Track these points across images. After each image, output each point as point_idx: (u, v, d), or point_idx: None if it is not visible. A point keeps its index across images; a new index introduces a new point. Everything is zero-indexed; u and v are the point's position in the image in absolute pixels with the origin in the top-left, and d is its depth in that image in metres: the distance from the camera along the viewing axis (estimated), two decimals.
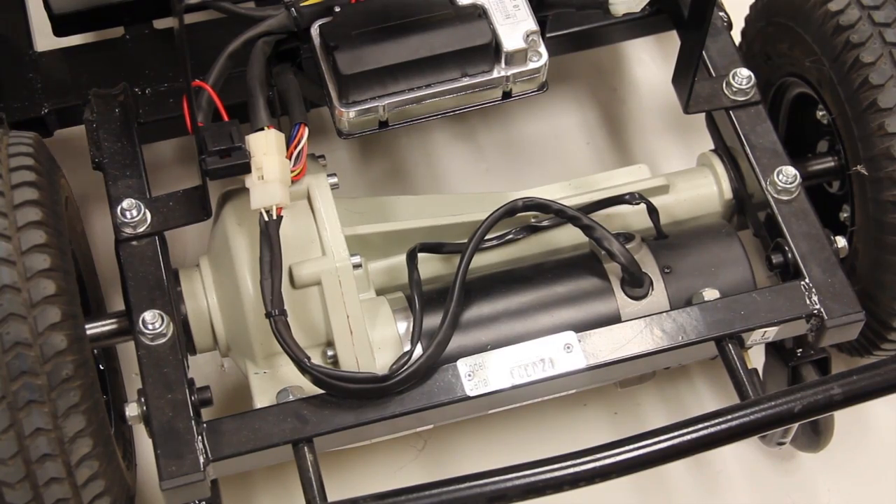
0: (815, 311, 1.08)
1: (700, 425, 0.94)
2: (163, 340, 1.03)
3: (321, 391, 1.02)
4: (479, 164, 1.49)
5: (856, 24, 1.14)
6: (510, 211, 1.11)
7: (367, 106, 1.04)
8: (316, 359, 1.02)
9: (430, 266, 1.15)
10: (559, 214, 1.12)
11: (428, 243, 1.13)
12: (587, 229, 1.11)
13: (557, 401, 1.23)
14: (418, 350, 1.03)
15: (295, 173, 1.05)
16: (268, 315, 0.99)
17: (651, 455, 0.93)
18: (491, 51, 1.06)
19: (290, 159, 1.04)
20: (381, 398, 1.02)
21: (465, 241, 1.10)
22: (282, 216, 1.00)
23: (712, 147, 1.27)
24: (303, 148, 1.06)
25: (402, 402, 1.02)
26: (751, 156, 1.17)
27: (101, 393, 1.05)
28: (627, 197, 1.16)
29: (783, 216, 1.13)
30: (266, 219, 1.00)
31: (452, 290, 1.06)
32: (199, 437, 0.99)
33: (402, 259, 1.13)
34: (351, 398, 1.02)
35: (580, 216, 1.11)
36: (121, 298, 1.08)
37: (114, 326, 1.10)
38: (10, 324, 0.95)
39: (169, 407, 1.00)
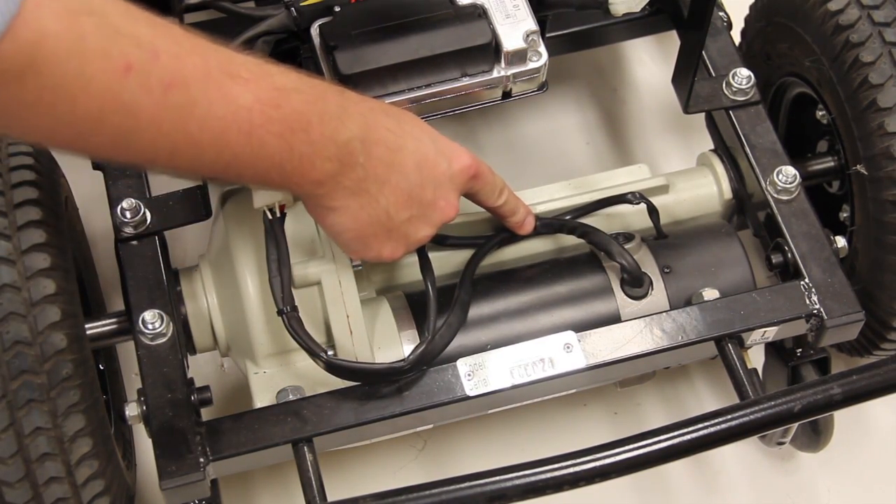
0: (815, 311, 1.08)
1: (700, 425, 0.94)
2: (163, 340, 1.03)
3: (319, 392, 1.02)
4: None
5: (855, 24, 1.14)
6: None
7: None
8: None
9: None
10: (558, 230, 1.13)
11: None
12: (586, 236, 1.12)
13: (557, 401, 1.23)
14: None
15: None
16: (280, 312, 0.99)
17: (651, 455, 0.93)
18: (491, 51, 1.06)
19: None
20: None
21: (467, 235, 1.10)
22: (285, 213, 1.00)
23: (712, 147, 1.27)
24: None
25: (402, 402, 1.02)
26: (750, 156, 1.17)
27: (100, 392, 1.05)
28: (629, 196, 1.16)
29: (783, 216, 1.13)
30: (270, 217, 1.00)
31: (462, 277, 1.08)
32: (199, 437, 0.99)
33: None
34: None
35: (577, 225, 1.13)
36: (121, 298, 1.08)
37: (114, 326, 1.10)
38: (9, 323, 0.95)
39: (169, 407, 1.00)
